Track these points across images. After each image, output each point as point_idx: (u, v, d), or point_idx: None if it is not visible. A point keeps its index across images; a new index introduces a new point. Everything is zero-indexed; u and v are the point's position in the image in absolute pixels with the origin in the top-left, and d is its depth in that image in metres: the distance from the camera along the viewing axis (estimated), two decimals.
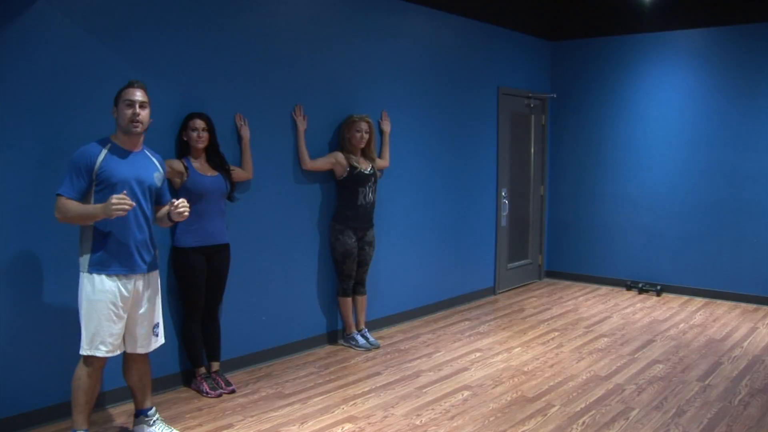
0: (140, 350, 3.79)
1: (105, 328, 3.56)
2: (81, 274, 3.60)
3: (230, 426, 4.12)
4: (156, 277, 3.85)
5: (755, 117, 7.24)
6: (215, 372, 4.76)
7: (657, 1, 7.58)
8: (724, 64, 7.39)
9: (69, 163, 3.54)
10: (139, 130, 3.65)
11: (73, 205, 3.50)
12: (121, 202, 3.39)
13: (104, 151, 3.57)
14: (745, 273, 7.41)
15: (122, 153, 3.63)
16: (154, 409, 3.95)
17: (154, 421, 3.92)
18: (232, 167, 4.80)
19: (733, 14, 7.28)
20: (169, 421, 4.15)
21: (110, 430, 4.06)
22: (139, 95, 3.62)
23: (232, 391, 4.66)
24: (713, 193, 7.53)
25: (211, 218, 4.60)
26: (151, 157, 3.81)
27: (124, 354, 3.82)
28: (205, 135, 4.55)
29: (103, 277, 3.56)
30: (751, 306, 7.29)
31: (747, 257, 7.38)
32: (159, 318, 3.89)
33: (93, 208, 3.49)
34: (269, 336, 5.36)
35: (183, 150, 4.60)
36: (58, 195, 3.52)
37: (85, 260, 3.58)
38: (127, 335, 3.73)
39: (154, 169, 3.78)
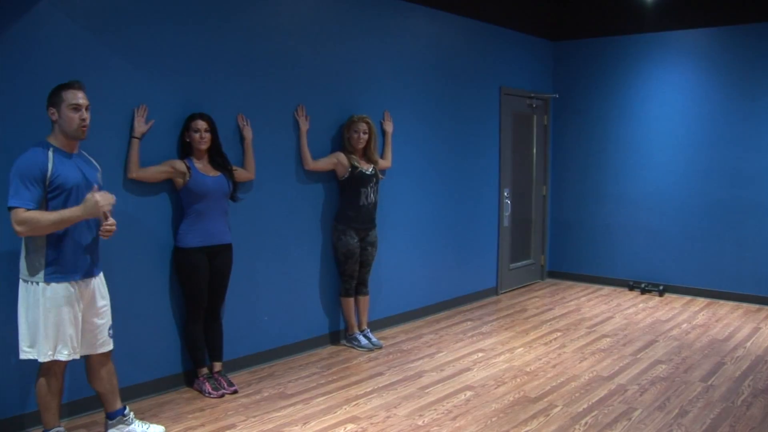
0: (101, 349, 3.73)
1: (65, 332, 3.50)
2: (31, 284, 3.48)
3: (233, 426, 4.12)
4: (103, 279, 3.78)
5: (758, 117, 7.23)
6: (217, 372, 4.76)
7: (659, 1, 7.57)
8: (727, 64, 7.39)
9: (16, 173, 3.37)
10: (85, 137, 3.57)
11: (43, 216, 3.36)
12: (107, 200, 3.43)
13: (51, 156, 3.45)
14: (748, 273, 7.40)
15: (66, 156, 3.54)
16: (127, 408, 3.93)
17: (132, 419, 3.91)
18: (234, 167, 4.80)
19: (735, 14, 7.27)
20: (171, 421, 4.16)
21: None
22: (82, 97, 3.52)
23: (235, 392, 4.66)
24: (716, 193, 7.52)
25: (214, 218, 4.61)
26: (89, 157, 3.76)
27: (87, 361, 3.78)
28: (207, 136, 4.55)
29: (60, 284, 3.49)
30: (754, 306, 7.28)
31: (749, 257, 7.37)
32: (111, 319, 3.81)
33: (70, 212, 3.41)
34: (271, 336, 5.36)
35: (185, 150, 4.61)
36: (15, 208, 3.34)
37: (38, 270, 3.46)
38: (84, 339, 3.66)
39: (95, 169, 3.74)
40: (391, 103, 6.26)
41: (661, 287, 7.84)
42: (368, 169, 5.64)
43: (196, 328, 4.67)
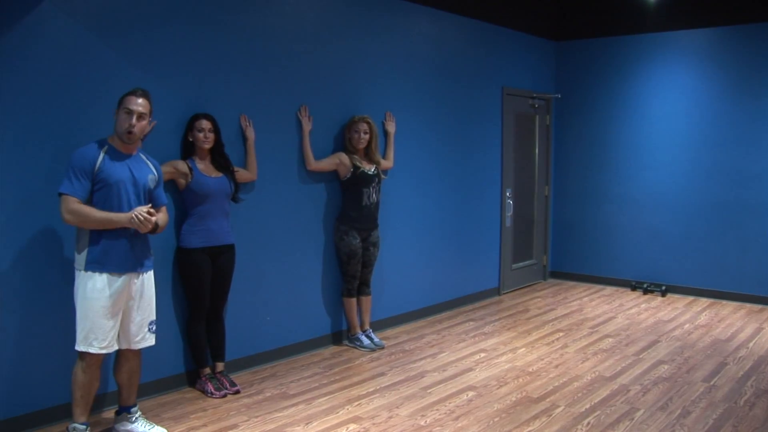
0: (134, 346, 3.85)
1: (99, 325, 3.62)
2: (77, 272, 3.66)
3: (235, 426, 4.12)
4: (151, 277, 3.90)
5: (760, 117, 7.22)
6: (220, 372, 4.76)
7: (662, 1, 7.56)
8: (729, 63, 7.38)
9: (69, 164, 3.60)
10: (131, 141, 3.73)
11: (92, 212, 3.57)
12: (148, 218, 3.62)
13: (102, 153, 3.65)
14: (751, 273, 7.39)
15: (119, 155, 3.71)
16: (137, 406, 4.00)
17: (136, 418, 3.96)
18: (236, 168, 4.80)
19: (738, 14, 7.26)
20: (173, 421, 4.16)
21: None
22: (139, 105, 3.68)
23: (237, 392, 4.66)
24: (718, 193, 7.51)
25: (216, 219, 4.61)
26: (146, 160, 3.89)
27: (117, 351, 3.85)
28: (211, 136, 4.56)
29: (99, 275, 3.62)
30: (757, 306, 7.27)
31: (752, 257, 7.36)
32: (154, 315, 3.93)
33: (117, 217, 3.59)
34: (274, 336, 5.36)
35: (187, 151, 4.61)
36: (64, 194, 3.56)
37: (81, 258, 3.64)
38: (121, 332, 3.77)
39: (149, 171, 3.86)
40: (394, 104, 6.26)
41: (663, 287, 7.83)
42: (370, 169, 5.64)
43: (198, 329, 4.67)
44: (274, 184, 5.26)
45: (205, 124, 4.54)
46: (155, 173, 3.90)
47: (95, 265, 3.62)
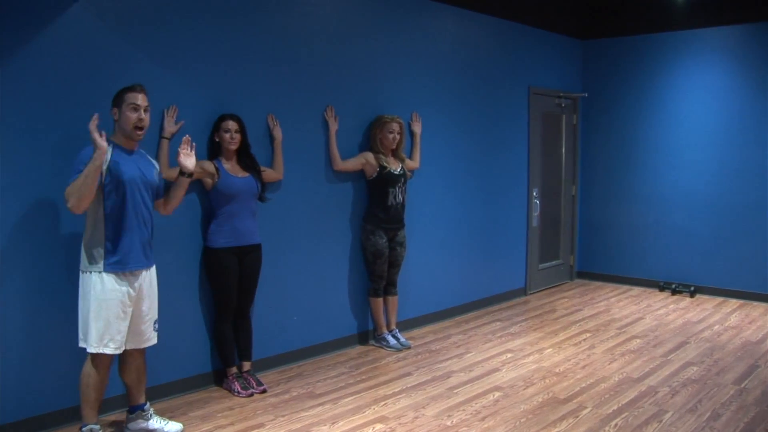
0: (142, 346, 3.86)
1: (114, 325, 3.63)
2: (88, 274, 3.62)
3: (261, 425, 4.15)
4: (154, 272, 3.91)
5: None
6: (247, 372, 4.79)
7: None
8: (758, 61, 7.26)
9: (77, 162, 3.54)
10: (140, 137, 3.74)
11: (75, 181, 3.47)
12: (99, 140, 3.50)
13: (110, 150, 3.61)
14: None
15: (126, 152, 3.71)
16: (148, 403, 4.02)
17: (151, 415, 3.99)
18: (262, 168, 4.83)
19: (766, 10, 7.15)
20: (200, 420, 4.20)
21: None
22: (141, 99, 3.69)
23: (264, 391, 4.69)
24: (747, 193, 7.41)
25: (243, 219, 4.64)
26: (148, 156, 3.91)
27: (123, 353, 3.83)
28: (237, 136, 4.59)
29: (115, 275, 3.63)
30: None
31: None
32: (157, 314, 3.96)
33: (91, 160, 3.45)
34: (300, 336, 5.38)
35: (214, 151, 4.64)
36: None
37: (95, 260, 3.61)
38: (130, 332, 3.77)
39: (153, 167, 3.89)
40: (420, 103, 6.26)
41: (692, 288, 7.74)
42: (396, 168, 5.64)
43: (225, 328, 4.70)
44: (300, 184, 5.28)
45: (232, 124, 4.57)
46: (157, 168, 3.94)
47: (113, 265, 3.62)
